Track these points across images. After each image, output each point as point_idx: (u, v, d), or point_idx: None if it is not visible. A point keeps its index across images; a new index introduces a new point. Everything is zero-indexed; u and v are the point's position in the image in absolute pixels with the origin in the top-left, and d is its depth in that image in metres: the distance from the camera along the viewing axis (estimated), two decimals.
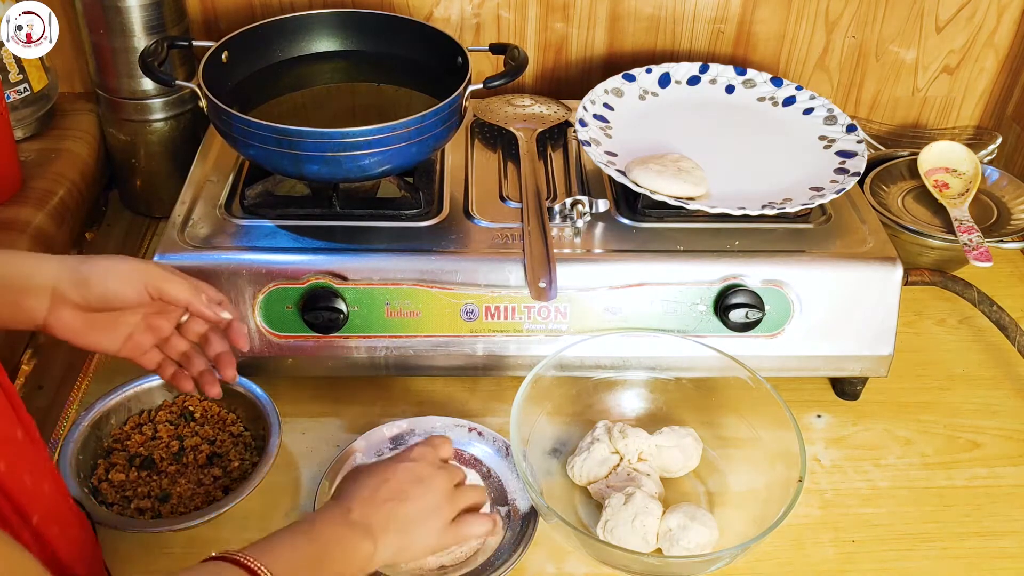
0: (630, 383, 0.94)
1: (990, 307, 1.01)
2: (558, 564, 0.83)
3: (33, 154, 1.12)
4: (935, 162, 1.18)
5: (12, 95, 1.09)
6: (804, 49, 1.26)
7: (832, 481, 0.92)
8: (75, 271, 0.71)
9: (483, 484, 0.87)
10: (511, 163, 1.05)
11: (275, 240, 0.91)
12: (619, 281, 0.91)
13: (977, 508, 0.90)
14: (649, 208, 0.96)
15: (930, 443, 0.96)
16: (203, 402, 0.91)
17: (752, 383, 0.87)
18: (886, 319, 0.93)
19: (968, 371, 1.05)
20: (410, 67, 1.06)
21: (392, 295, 0.90)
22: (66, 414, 0.94)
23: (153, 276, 0.73)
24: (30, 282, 0.69)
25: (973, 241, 1.04)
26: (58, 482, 0.65)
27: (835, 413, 0.99)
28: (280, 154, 0.88)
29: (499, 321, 0.92)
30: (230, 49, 1.00)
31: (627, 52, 1.25)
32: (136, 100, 1.12)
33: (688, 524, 0.80)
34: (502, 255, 0.91)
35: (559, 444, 0.92)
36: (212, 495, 0.84)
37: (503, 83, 0.95)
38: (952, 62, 1.29)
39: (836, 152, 1.02)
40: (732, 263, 0.91)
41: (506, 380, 0.98)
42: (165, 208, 1.12)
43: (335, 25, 1.07)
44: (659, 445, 0.88)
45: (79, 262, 0.73)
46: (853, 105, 1.32)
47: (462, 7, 1.20)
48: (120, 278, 0.72)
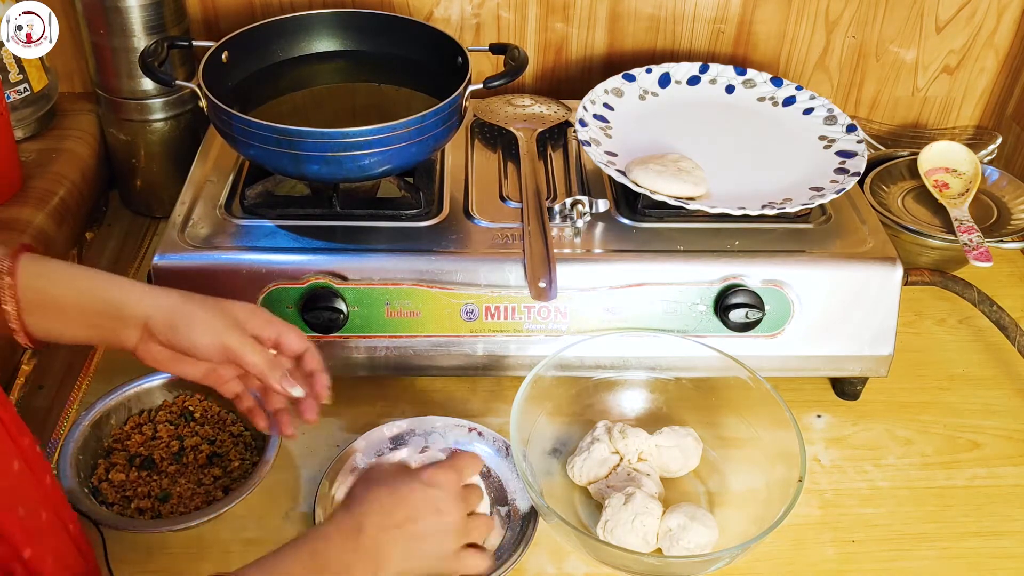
0: (630, 383, 0.94)
1: (990, 307, 1.01)
2: (558, 564, 0.83)
3: (33, 154, 1.12)
4: (935, 162, 1.18)
5: (12, 95, 1.09)
6: (804, 49, 1.26)
7: (832, 481, 0.92)
8: (168, 315, 0.72)
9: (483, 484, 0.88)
10: (511, 163, 1.05)
11: (275, 240, 0.91)
12: (619, 281, 0.91)
13: (977, 508, 0.90)
14: (649, 208, 0.96)
15: (930, 443, 0.96)
16: (203, 402, 0.92)
17: (752, 383, 0.87)
18: (886, 319, 0.93)
19: (968, 371, 1.05)
20: (410, 67, 1.06)
21: (392, 295, 0.90)
22: (66, 414, 0.94)
23: (233, 341, 0.73)
24: (125, 312, 0.71)
25: (973, 241, 1.04)
26: (59, 512, 0.63)
27: (835, 413, 0.99)
28: (280, 154, 0.88)
29: (499, 321, 0.92)
30: (230, 49, 1.00)
31: (627, 52, 1.25)
32: (136, 100, 1.12)
33: (688, 524, 0.80)
34: (502, 255, 0.91)
35: (559, 444, 0.92)
36: (212, 495, 0.84)
37: (503, 83, 0.95)
38: (952, 62, 1.29)
39: (836, 152, 1.02)
40: (732, 263, 0.91)
41: (506, 380, 0.98)
42: (165, 208, 1.12)
43: (335, 25, 1.07)
44: (659, 445, 0.88)
45: (177, 303, 0.73)
46: (853, 105, 1.32)
47: (462, 7, 1.20)
48: (205, 333, 0.72)
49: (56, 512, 0.63)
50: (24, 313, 0.69)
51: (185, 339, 0.72)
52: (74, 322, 0.72)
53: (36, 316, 0.70)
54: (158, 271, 0.89)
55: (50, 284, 0.71)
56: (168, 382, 0.91)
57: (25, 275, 0.69)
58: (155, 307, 0.72)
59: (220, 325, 0.73)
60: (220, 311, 0.74)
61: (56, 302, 0.71)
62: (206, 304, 0.74)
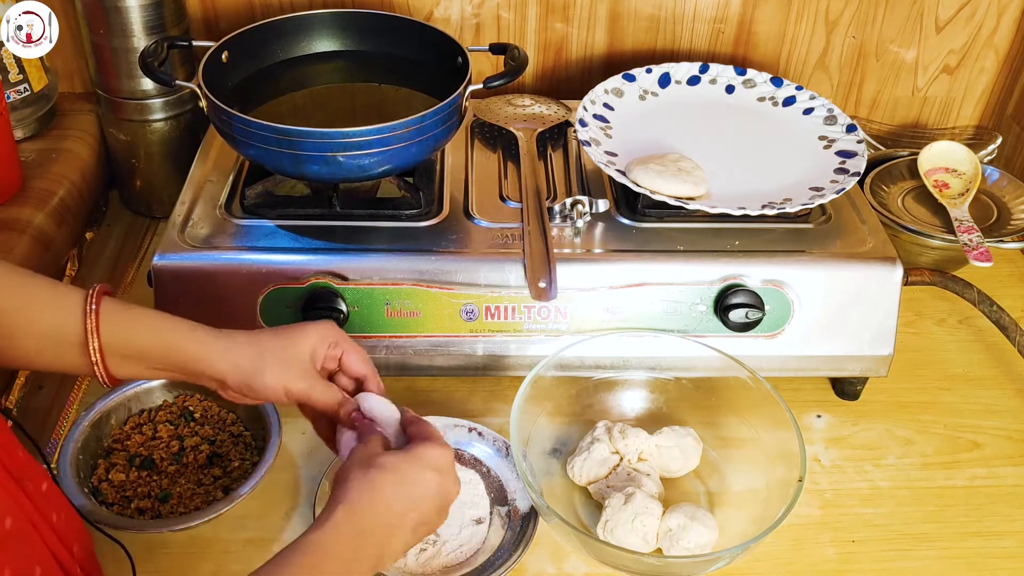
0: (630, 383, 0.94)
1: (990, 307, 1.01)
2: (558, 564, 0.83)
3: (33, 154, 1.12)
4: (935, 162, 1.18)
5: (12, 95, 1.09)
6: (804, 49, 1.26)
7: (832, 481, 0.92)
8: (242, 375, 0.73)
9: (483, 484, 0.88)
10: (511, 163, 1.05)
11: (275, 240, 0.91)
12: (619, 281, 0.91)
13: (977, 508, 0.90)
14: (649, 208, 0.96)
15: (930, 443, 0.96)
16: (203, 402, 0.92)
17: (752, 383, 0.87)
18: (886, 319, 0.93)
19: (968, 371, 1.05)
20: (410, 67, 1.06)
21: (392, 295, 0.90)
22: (66, 414, 0.94)
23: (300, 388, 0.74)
24: (202, 369, 0.72)
25: (973, 241, 1.04)
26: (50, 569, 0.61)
27: (835, 413, 0.99)
28: (280, 154, 0.88)
29: (499, 321, 0.92)
30: (230, 49, 1.00)
31: (627, 52, 1.25)
32: (136, 100, 1.12)
33: (688, 524, 0.80)
34: (502, 255, 0.91)
35: (559, 444, 0.92)
36: (212, 495, 0.84)
37: (503, 83, 0.95)
38: (952, 62, 1.29)
39: (836, 152, 1.02)
40: (732, 263, 0.91)
41: (506, 380, 0.98)
42: (165, 208, 1.12)
43: (335, 25, 1.07)
44: (659, 445, 0.88)
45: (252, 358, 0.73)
46: (853, 105, 1.32)
47: (462, 7, 1.20)
48: (275, 383, 0.73)
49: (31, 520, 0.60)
50: (108, 356, 0.70)
51: (259, 392, 0.74)
52: (152, 368, 0.73)
53: (116, 360, 0.71)
54: (158, 271, 0.89)
55: (133, 335, 0.72)
56: (168, 382, 0.91)
57: (108, 323, 0.70)
58: (232, 366, 0.73)
59: (289, 374, 0.74)
60: (290, 360, 0.74)
61: (138, 351, 0.72)
62: (278, 356, 0.74)
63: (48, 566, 0.60)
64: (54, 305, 0.70)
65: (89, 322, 0.69)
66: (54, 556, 0.62)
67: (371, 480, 0.65)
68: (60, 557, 0.62)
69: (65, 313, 0.69)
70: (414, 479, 0.67)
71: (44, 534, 0.61)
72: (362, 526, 0.64)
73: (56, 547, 0.62)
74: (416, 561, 0.80)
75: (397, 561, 0.69)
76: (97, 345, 0.69)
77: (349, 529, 0.64)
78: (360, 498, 0.65)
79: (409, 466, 0.67)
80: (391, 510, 0.65)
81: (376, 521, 0.65)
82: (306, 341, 0.75)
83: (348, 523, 0.64)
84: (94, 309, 0.69)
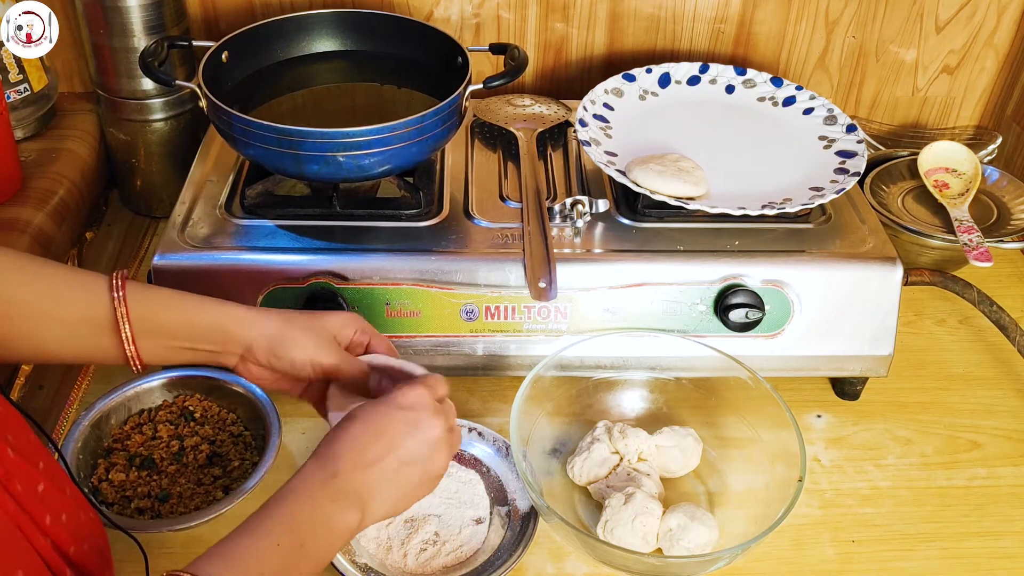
0: (630, 383, 0.94)
1: (990, 307, 1.01)
2: (558, 564, 0.83)
3: (33, 154, 1.12)
4: (935, 162, 1.18)
5: (12, 95, 1.09)
6: (804, 49, 1.26)
7: (832, 481, 0.92)
8: (269, 342, 0.74)
9: (483, 483, 0.88)
10: (511, 163, 1.05)
11: (275, 240, 0.91)
12: (619, 281, 0.91)
13: (977, 508, 0.90)
14: (649, 208, 0.96)
15: (930, 443, 0.96)
16: (203, 402, 0.91)
17: (752, 383, 0.87)
18: (886, 319, 0.93)
19: (968, 371, 1.05)
20: (410, 67, 1.06)
21: (392, 295, 0.90)
22: (66, 414, 0.94)
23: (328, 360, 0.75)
24: (229, 338, 0.73)
25: (973, 241, 1.04)
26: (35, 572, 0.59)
27: (835, 413, 0.99)
28: (280, 154, 0.88)
29: (499, 321, 0.92)
30: (230, 49, 1.00)
31: (627, 52, 1.25)
32: (136, 100, 1.12)
33: (688, 524, 0.80)
34: (502, 255, 0.91)
35: (559, 444, 0.92)
36: (212, 495, 0.84)
37: (503, 83, 0.95)
38: (952, 62, 1.29)
39: (836, 152, 1.02)
40: (732, 263, 0.91)
41: (506, 380, 0.98)
42: (165, 208, 1.13)
43: (335, 25, 1.07)
44: (659, 445, 0.88)
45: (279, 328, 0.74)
46: (853, 105, 1.32)
47: (462, 7, 1.20)
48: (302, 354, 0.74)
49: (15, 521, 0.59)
50: (137, 338, 0.70)
51: (285, 362, 0.74)
52: (178, 347, 0.74)
53: (146, 341, 0.71)
54: (158, 271, 0.89)
55: (160, 314, 0.72)
56: (168, 382, 0.91)
57: (134, 306, 0.70)
58: (259, 334, 0.73)
59: (315, 345, 0.74)
60: (318, 331, 0.75)
61: (167, 330, 0.72)
62: (305, 326, 0.75)
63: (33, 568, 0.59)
64: (78, 293, 0.70)
65: (119, 308, 0.69)
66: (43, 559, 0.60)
67: (341, 428, 0.67)
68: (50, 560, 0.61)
69: (92, 299, 0.70)
70: (382, 421, 0.67)
71: (31, 536, 0.60)
72: (333, 469, 0.65)
73: (46, 550, 0.60)
74: (416, 561, 0.81)
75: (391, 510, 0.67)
76: (129, 330, 0.70)
77: (320, 474, 0.64)
78: (328, 445, 0.66)
79: (375, 407, 0.68)
80: (364, 455, 0.65)
81: (349, 462, 0.65)
82: (333, 319, 0.77)
83: (319, 468, 0.65)
84: (122, 296, 0.69)
